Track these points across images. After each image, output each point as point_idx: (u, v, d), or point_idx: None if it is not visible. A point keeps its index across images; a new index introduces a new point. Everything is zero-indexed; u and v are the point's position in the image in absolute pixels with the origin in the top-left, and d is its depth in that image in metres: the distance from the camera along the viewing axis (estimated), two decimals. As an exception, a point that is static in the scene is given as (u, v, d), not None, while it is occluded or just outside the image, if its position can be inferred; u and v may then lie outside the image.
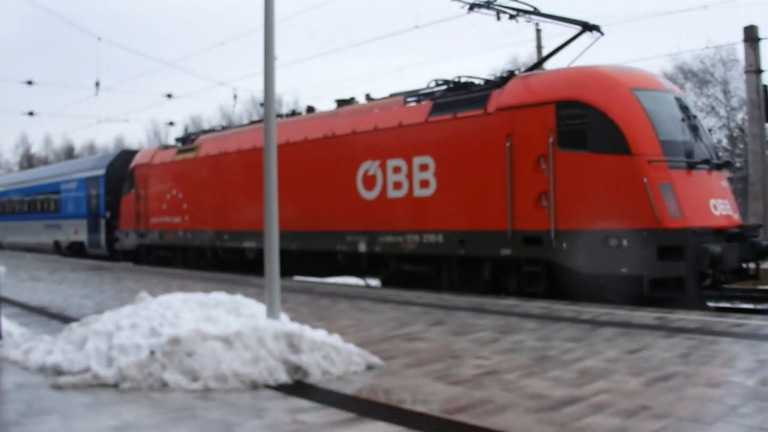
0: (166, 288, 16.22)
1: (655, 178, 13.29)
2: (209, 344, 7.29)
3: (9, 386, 7.27)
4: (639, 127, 13.79)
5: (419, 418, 5.75)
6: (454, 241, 16.18)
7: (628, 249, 13.24)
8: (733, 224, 14.16)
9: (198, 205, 25.11)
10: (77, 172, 37.27)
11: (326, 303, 13.55)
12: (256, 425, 5.70)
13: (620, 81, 14.48)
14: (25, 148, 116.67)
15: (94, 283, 19.01)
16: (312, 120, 21.16)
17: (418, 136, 17.07)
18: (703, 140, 14.77)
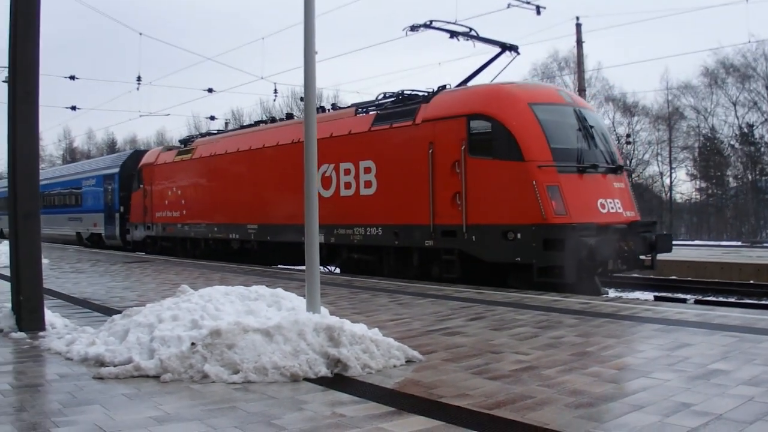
0: (207, 281, 16.33)
1: (543, 181, 15.60)
2: (250, 337, 7.32)
3: (52, 377, 7.35)
4: (531, 136, 16.14)
5: (459, 412, 5.74)
6: (390, 234, 18.88)
7: (521, 241, 15.66)
8: (621, 221, 16.30)
9: (193, 201, 28.47)
10: (96, 170, 40.87)
11: (366, 297, 13.57)
12: (296, 418, 5.72)
13: (519, 96, 16.96)
14: (68, 142, 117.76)
15: (135, 275, 19.17)
16: (284, 127, 24.36)
17: (363, 143, 19.77)
18: (598, 147, 17.13)
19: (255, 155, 24.68)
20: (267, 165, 23.82)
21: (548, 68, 72.91)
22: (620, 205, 16.64)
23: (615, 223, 16.04)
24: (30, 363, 8.11)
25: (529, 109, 16.48)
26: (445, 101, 18.14)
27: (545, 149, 16.00)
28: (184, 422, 5.62)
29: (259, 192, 24.35)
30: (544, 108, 16.76)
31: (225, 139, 27.59)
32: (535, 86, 18.74)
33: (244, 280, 16.54)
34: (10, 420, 5.77)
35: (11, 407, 6.18)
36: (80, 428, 5.47)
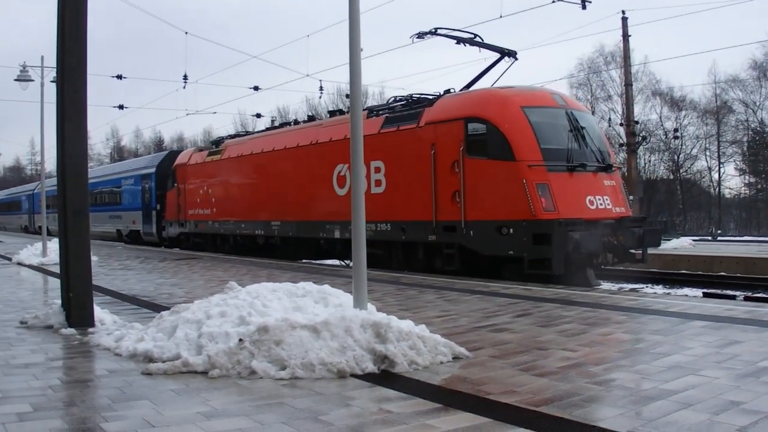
0: (255, 277, 16.39)
1: (533, 179, 16.71)
2: (297, 333, 7.34)
3: (101, 372, 7.42)
4: (523, 137, 17.27)
5: (505, 409, 5.72)
6: (398, 230, 20.15)
7: (513, 235, 16.80)
8: (610, 216, 17.43)
9: (222, 200, 30.25)
10: (134, 170, 43.02)
11: (413, 293, 13.56)
12: (343, 414, 5.72)
13: (513, 100, 18.11)
14: (116, 141, 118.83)
15: (183, 272, 19.31)
16: (303, 130, 26.00)
17: (373, 144, 20.05)
18: (589, 147, 18.14)
19: (277, 156, 26.33)
20: (288, 165, 25.45)
21: (594, 63, 72.44)
22: (609, 201, 17.72)
23: (603, 218, 17.19)
24: (80, 359, 8.20)
25: (521, 112, 17.66)
26: (446, 105, 19.45)
27: (535, 149, 17.17)
28: (232, 418, 5.65)
29: (281, 190, 25.93)
30: (536, 111, 17.92)
31: (251, 141, 29.22)
32: (529, 90, 19.55)
33: (291, 276, 16.57)
34: (60, 415, 5.83)
35: (61, 402, 6.25)
36: (129, 423, 5.52)
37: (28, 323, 10.40)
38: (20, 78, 27.63)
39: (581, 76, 72.78)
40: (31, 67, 27.63)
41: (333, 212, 22.49)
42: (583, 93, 74.85)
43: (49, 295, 14.26)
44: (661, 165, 75.06)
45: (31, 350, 8.61)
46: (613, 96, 72.52)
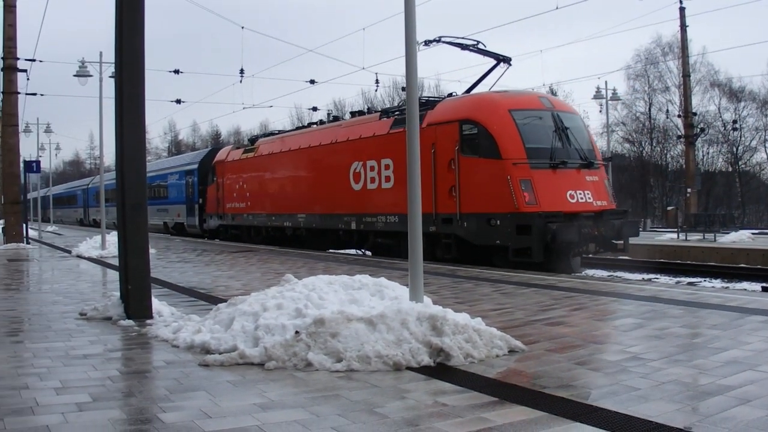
0: (311, 270, 16.47)
1: (517, 176, 18.57)
2: (353, 326, 7.35)
3: (159, 363, 7.50)
4: (509, 137, 19.13)
5: (561, 403, 5.68)
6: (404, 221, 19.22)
7: (500, 227, 18.72)
8: (591, 209, 19.09)
9: (255, 194, 32.67)
10: (179, 166, 45.41)
11: (469, 286, 13.53)
12: (398, 407, 5.72)
13: (501, 104, 19.99)
14: (173, 135, 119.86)
15: (240, 265, 19.44)
16: (325, 130, 28.20)
17: (384, 143, 23.19)
18: (573, 145, 19.83)
19: (302, 154, 28.73)
20: (311, 162, 28.00)
21: (652, 53, 71.57)
22: (591, 195, 19.42)
23: (584, 211, 18.88)
24: (138, 350, 8.29)
25: (508, 114, 19.51)
26: (444, 108, 21.44)
27: (520, 148, 19.01)
28: (288, 409, 5.67)
29: (305, 186, 28.39)
30: (522, 113, 19.73)
31: (280, 140, 31.74)
32: (518, 94, 21.63)
33: (347, 269, 16.62)
34: (119, 405, 5.91)
35: (120, 392, 6.33)
36: (186, 414, 5.57)
37: (88, 315, 10.54)
38: (79, 74, 28.02)
39: (638, 67, 72.00)
40: (89, 62, 28.02)
41: (349, 206, 25.02)
42: (641, 84, 74.17)
43: (108, 288, 14.43)
44: (719, 157, 74.10)
45: (90, 341, 8.72)
46: (670, 87, 71.71)
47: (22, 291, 14.83)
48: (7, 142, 32.52)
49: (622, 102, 66.78)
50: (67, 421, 5.44)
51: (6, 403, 5.91)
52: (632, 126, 76.27)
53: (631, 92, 73.96)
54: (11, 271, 19.59)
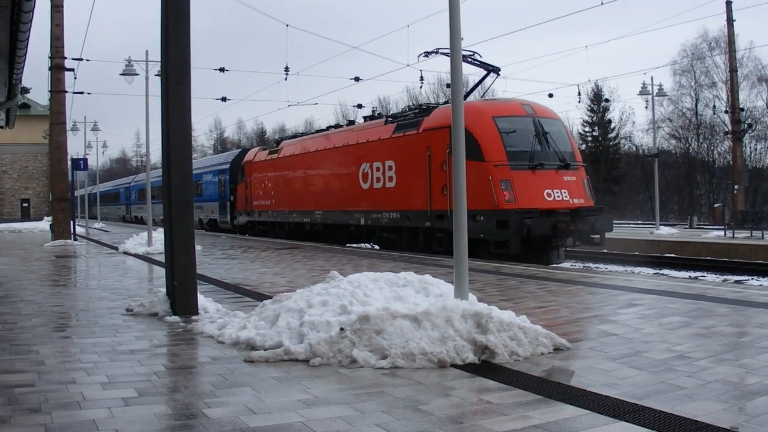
0: (356, 267, 16.48)
1: (497, 176, 20.62)
2: (398, 323, 7.35)
3: (205, 359, 7.55)
4: (491, 142, 21.20)
5: (606, 402, 5.64)
6: (405, 217, 24.74)
7: (483, 222, 20.60)
8: (568, 207, 20.95)
9: (278, 192, 35.41)
10: (213, 165, 48.09)
11: (514, 284, 13.48)
12: (443, 404, 5.72)
13: (485, 111, 22.19)
14: (219, 133, 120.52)
15: (285, 262, 19.51)
16: (340, 133, 30.95)
17: (388, 146, 25.81)
18: (552, 148, 21.78)
19: (319, 155, 31.45)
20: (327, 163, 30.71)
21: (698, 48, 70.95)
22: (568, 194, 21.27)
23: (560, 208, 20.83)
24: (183, 346, 8.36)
25: (492, 121, 21.62)
26: (438, 115, 23.74)
27: (501, 151, 21.08)
28: (333, 406, 5.68)
29: (322, 185, 31.25)
30: (504, 119, 21.78)
31: (301, 142, 34.51)
32: (502, 102, 24.02)
33: (392, 266, 16.62)
34: (165, 400, 5.96)
35: (166, 388, 6.38)
36: (231, 409, 5.60)
37: (134, 311, 10.63)
38: (126, 72, 28.24)
39: (685, 62, 71.37)
40: (136, 61, 28.23)
41: (359, 203, 27.69)
42: (687, 80, 73.61)
43: (154, 284, 14.56)
44: (767, 153, 73.33)
45: (137, 337, 8.80)
46: (717, 83, 71.08)
47: (69, 287, 14.99)
48: (55, 140, 32.86)
49: (668, 98, 66.39)
50: (114, 415, 5.49)
51: (54, 398, 5.98)
52: (678, 122, 75.72)
53: (677, 88, 73.44)
54: (59, 267, 19.81)
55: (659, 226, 39.02)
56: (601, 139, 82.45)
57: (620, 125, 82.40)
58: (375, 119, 29.99)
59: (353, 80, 40.52)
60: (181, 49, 10.59)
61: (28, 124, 73.42)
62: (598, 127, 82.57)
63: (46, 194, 72.12)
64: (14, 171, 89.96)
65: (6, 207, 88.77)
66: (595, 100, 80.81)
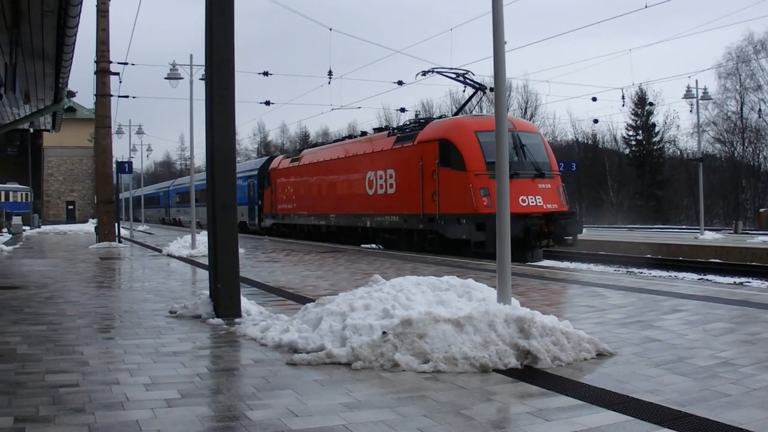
0: (399, 271, 16.51)
1: (477, 184, 23.35)
2: (440, 327, 7.34)
3: (247, 362, 7.59)
4: (472, 154, 24.01)
5: (650, 408, 5.59)
6: (402, 220, 27.64)
7: (466, 224, 23.32)
8: (541, 211, 23.62)
9: (299, 197, 38.55)
10: (244, 171, 49.72)
11: (557, 288, 13.43)
12: (485, 409, 5.70)
13: (468, 125, 25.22)
14: (262, 136, 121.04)
15: (328, 265, 19.55)
16: (351, 144, 34.19)
17: (389, 157, 28.83)
18: (527, 159, 24.57)
19: (333, 164, 34.47)
20: (340, 171, 33.68)
21: (743, 51, 70.27)
22: (542, 200, 23.92)
23: (534, 213, 23.49)
24: (226, 348, 8.40)
25: (474, 135, 24.43)
26: (430, 129, 26.77)
27: (481, 162, 23.67)
28: (375, 409, 5.68)
29: (335, 191, 34.19)
30: (485, 133, 23.73)
31: (319, 151, 37.78)
32: (484, 117, 26.71)
33: (435, 270, 16.61)
34: (207, 402, 5.99)
35: (208, 389, 6.42)
36: (273, 412, 5.62)
37: (177, 313, 10.70)
38: (170, 76, 28.40)
39: (729, 65, 70.71)
40: (180, 65, 28.38)
41: (366, 207, 30.59)
42: (732, 83, 72.97)
43: (197, 286, 14.64)
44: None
45: (180, 339, 8.86)
46: (763, 86, 70.39)
47: (113, 289, 15.14)
48: (100, 143, 33.19)
49: (713, 101, 65.72)
50: (156, 416, 5.53)
51: (97, 398, 6.03)
52: (723, 126, 75.03)
53: (722, 91, 72.81)
54: (103, 269, 20.00)
55: (704, 231, 38.67)
56: (645, 143, 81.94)
57: (664, 129, 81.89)
58: (381, 131, 32.54)
59: (396, 84, 40.64)
60: (226, 53, 10.66)
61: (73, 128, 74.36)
62: (642, 131, 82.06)
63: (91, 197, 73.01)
64: (60, 173, 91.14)
65: (52, 209, 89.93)
66: (639, 103, 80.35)
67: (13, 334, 9.21)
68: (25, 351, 8.15)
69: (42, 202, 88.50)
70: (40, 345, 8.50)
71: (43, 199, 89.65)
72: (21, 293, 13.79)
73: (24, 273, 18.49)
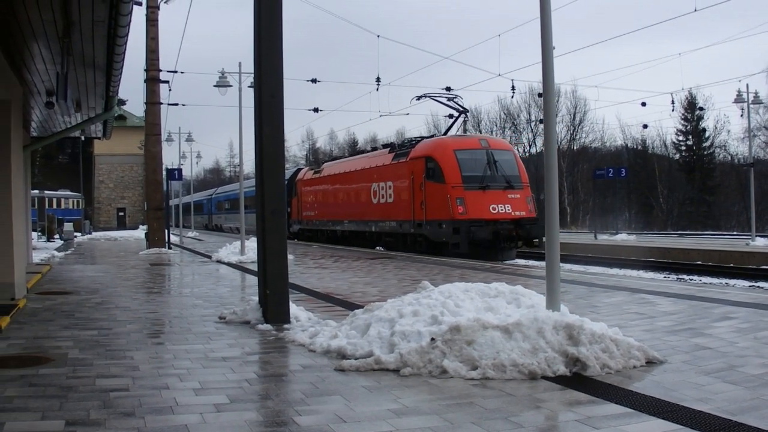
0: (447, 277, 16.48)
1: (454, 195, 28.03)
2: (489, 334, 7.33)
3: (296, 367, 7.63)
4: (451, 169, 28.72)
5: (700, 417, 5.54)
6: (398, 225, 32.25)
7: (445, 229, 28.03)
8: (509, 217, 28.09)
9: (319, 205, 43.60)
10: None
11: (605, 295, 13.32)
12: (533, 416, 5.68)
13: (449, 145, 29.95)
14: (311, 143, 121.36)
15: (377, 272, 19.57)
16: (358, 159, 39.37)
17: (388, 170, 33.60)
18: (499, 173, 29.01)
19: (346, 176, 39.24)
20: (351, 182, 38.39)
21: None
22: (510, 208, 28.30)
23: (503, 219, 27.99)
24: (275, 354, 8.45)
25: (452, 153, 29.19)
26: (420, 147, 31.48)
27: (458, 176, 28.48)
28: (423, 416, 5.69)
29: (348, 200, 38.87)
30: (463, 151, 29.40)
31: (336, 164, 43.08)
32: (463, 137, 32.32)
33: (483, 277, 16.56)
34: (255, 407, 6.04)
35: (257, 395, 6.47)
36: (321, 417, 5.65)
37: (227, 318, 10.78)
38: (219, 84, 28.61)
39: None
40: (229, 73, 28.58)
41: (371, 215, 35.34)
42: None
43: (246, 292, 14.73)
44: None
45: (229, 344, 8.93)
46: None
47: (163, 294, 15.27)
48: (150, 150, 33.53)
49: (764, 105, 64.87)
50: (205, 421, 5.59)
51: (147, 403, 6.10)
52: (775, 130, 73.99)
53: (773, 95, 71.81)
54: (153, 275, 20.18)
55: (755, 238, 38.15)
56: (695, 148, 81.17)
57: (715, 134, 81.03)
58: (385, 148, 37.40)
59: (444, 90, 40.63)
60: (274, 61, 10.73)
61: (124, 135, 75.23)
62: (692, 135, 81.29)
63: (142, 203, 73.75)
64: (111, 181, 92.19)
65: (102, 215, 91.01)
66: (688, 108, 79.61)
67: (65, 339, 9.34)
68: (77, 355, 8.27)
69: (93, 209, 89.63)
70: (91, 350, 8.61)
71: (94, 205, 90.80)
72: (72, 299, 13.97)
73: (75, 279, 18.70)
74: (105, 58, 12.62)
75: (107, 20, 10.36)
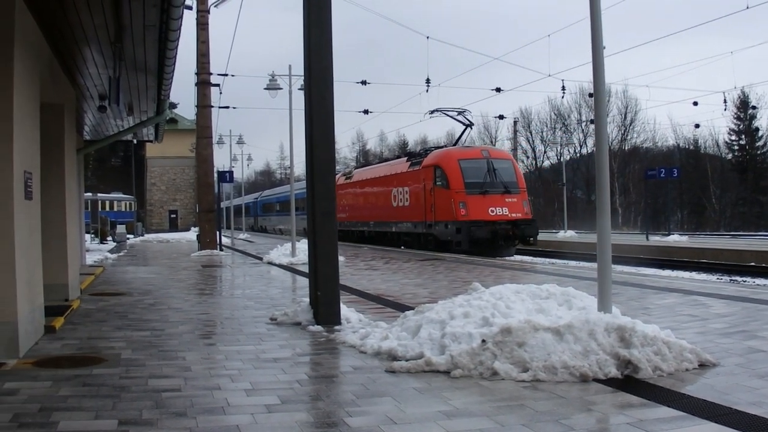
0: (498, 279, 16.44)
1: (457, 199, 31.67)
2: (540, 335, 7.30)
3: (346, 369, 7.65)
4: (455, 177, 32.38)
5: (753, 421, 5.47)
6: (413, 226, 36.14)
7: (450, 229, 31.61)
8: (506, 219, 31.47)
9: (350, 208, 47.53)
10: None
11: (657, 297, 13.20)
12: (585, 419, 5.65)
13: (454, 155, 33.81)
14: (361, 145, 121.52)
15: (428, 273, 19.56)
16: (382, 166, 44.29)
17: (405, 177, 37.71)
18: (498, 179, 32.59)
19: (372, 182, 43.60)
20: (375, 187, 42.76)
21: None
22: (508, 210, 31.82)
23: (500, 220, 31.37)
24: (326, 355, 8.49)
25: (457, 162, 32.92)
26: (430, 157, 35.55)
27: (461, 183, 32.17)
28: (473, 418, 5.68)
29: (372, 202, 43.41)
30: (466, 161, 32.99)
31: (364, 170, 48.19)
32: (466, 148, 35.76)
33: (533, 278, 16.50)
34: (306, 408, 6.08)
35: (308, 396, 6.51)
36: (372, 419, 5.67)
37: (278, 320, 10.84)
38: (270, 87, 28.72)
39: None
40: (279, 75, 28.69)
41: (391, 217, 39.36)
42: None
43: (297, 294, 14.80)
44: None
45: (280, 345, 8.99)
46: None
47: (215, 296, 15.39)
48: (201, 153, 33.79)
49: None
50: (257, 421, 5.63)
51: (199, 403, 6.17)
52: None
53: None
54: (205, 276, 20.34)
55: (811, 239, 37.66)
56: (748, 147, 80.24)
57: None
58: (402, 157, 42.41)
59: (494, 91, 40.61)
60: (324, 63, 10.77)
61: (175, 138, 75.85)
62: (745, 135, 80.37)
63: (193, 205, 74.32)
64: (162, 183, 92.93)
65: (155, 217, 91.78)
66: (741, 107, 78.73)
67: (118, 340, 9.46)
68: (129, 356, 8.37)
69: (145, 211, 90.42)
70: (143, 350, 8.72)
71: (146, 208, 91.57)
72: (125, 300, 14.13)
73: (128, 280, 18.90)
74: (156, 62, 12.74)
75: (158, 24, 10.45)
